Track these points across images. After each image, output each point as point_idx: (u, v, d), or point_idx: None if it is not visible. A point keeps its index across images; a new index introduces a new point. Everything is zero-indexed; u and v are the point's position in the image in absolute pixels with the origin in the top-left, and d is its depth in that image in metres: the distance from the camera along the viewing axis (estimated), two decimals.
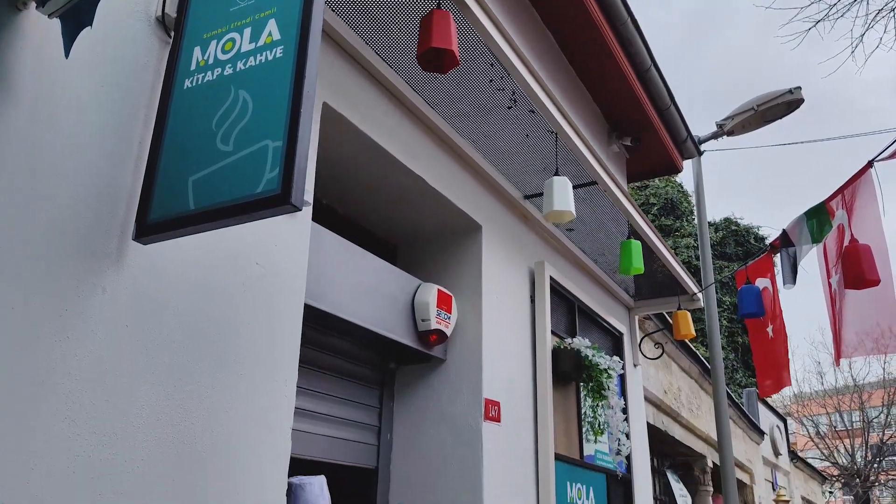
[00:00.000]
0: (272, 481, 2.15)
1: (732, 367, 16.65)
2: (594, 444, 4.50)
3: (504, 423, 3.64)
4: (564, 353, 4.17)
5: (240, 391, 2.09)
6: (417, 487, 3.47)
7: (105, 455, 1.67)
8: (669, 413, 7.14)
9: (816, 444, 26.95)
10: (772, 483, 12.59)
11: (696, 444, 8.11)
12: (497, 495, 3.44)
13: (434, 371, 3.67)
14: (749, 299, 4.31)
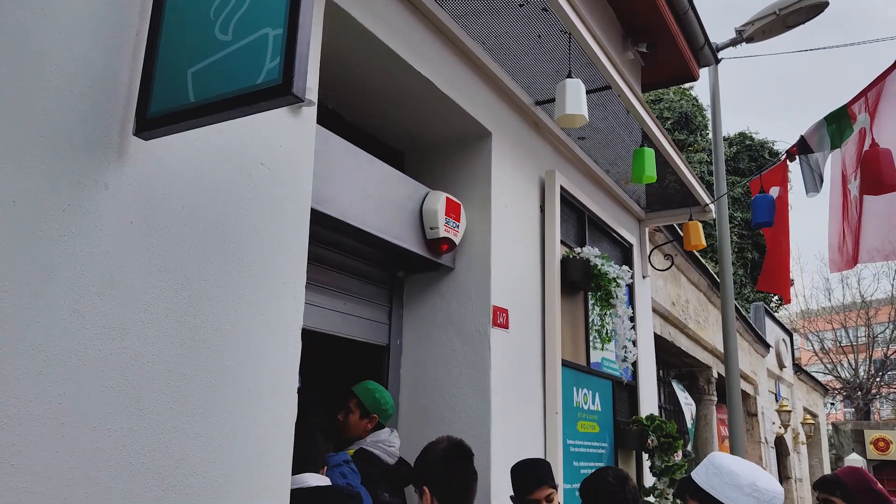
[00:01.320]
0: (282, 381, 2.19)
1: (741, 282, 16.72)
2: (601, 351, 4.56)
3: (512, 329, 3.67)
4: (573, 262, 4.16)
5: (248, 291, 2.10)
6: (427, 390, 3.54)
7: (114, 348, 1.69)
8: (677, 324, 7.21)
9: (821, 359, 27.40)
10: (775, 394, 12.86)
11: (702, 356, 8.23)
12: (504, 399, 3.51)
13: (443, 279, 3.68)
14: (762, 208, 4.26)
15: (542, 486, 2.85)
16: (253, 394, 2.07)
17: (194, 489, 1.84)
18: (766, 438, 11.25)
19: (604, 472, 2.77)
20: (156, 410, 1.78)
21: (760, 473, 1.81)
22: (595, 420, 4.41)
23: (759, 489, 1.73)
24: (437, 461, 2.33)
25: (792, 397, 14.25)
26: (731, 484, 1.75)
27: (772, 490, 1.74)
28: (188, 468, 1.83)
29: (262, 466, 2.05)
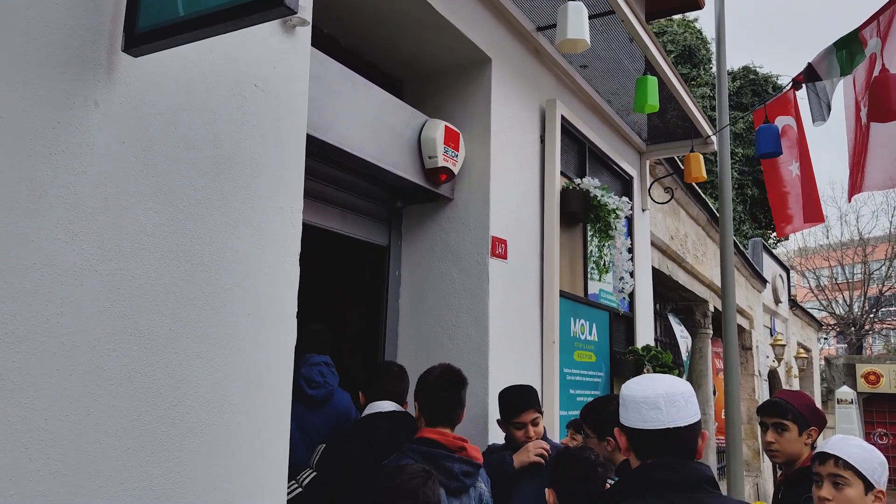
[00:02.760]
0: (281, 305, 2.19)
1: (740, 218, 16.71)
2: (599, 283, 4.58)
3: (511, 260, 3.68)
4: (573, 193, 4.13)
5: (245, 215, 2.08)
6: (426, 320, 3.57)
7: (111, 269, 1.68)
8: (675, 258, 7.23)
9: (816, 296, 27.66)
10: (770, 329, 13.02)
11: (699, 290, 8.29)
12: (502, 327, 3.54)
13: (442, 210, 3.66)
14: (767, 138, 4.19)
15: (526, 410, 2.91)
16: (252, 317, 2.08)
17: (194, 408, 1.86)
18: (760, 371, 11.45)
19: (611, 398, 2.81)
20: (155, 331, 1.78)
21: (632, 383, 1.74)
22: (592, 350, 4.46)
23: (623, 397, 1.71)
24: (430, 383, 2.61)
25: (786, 332, 14.44)
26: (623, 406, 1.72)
27: (640, 396, 1.67)
28: (188, 388, 1.85)
29: (262, 388, 2.08)
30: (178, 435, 1.82)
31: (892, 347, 29.41)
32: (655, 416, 1.65)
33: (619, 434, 1.73)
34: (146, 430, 1.74)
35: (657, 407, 1.65)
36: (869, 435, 15.43)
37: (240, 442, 1.99)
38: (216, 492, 1.90)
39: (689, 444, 1.65)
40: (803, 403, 2.58)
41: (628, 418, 1.69)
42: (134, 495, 1.69)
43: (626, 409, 1.70)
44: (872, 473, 2.12)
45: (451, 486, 2.46)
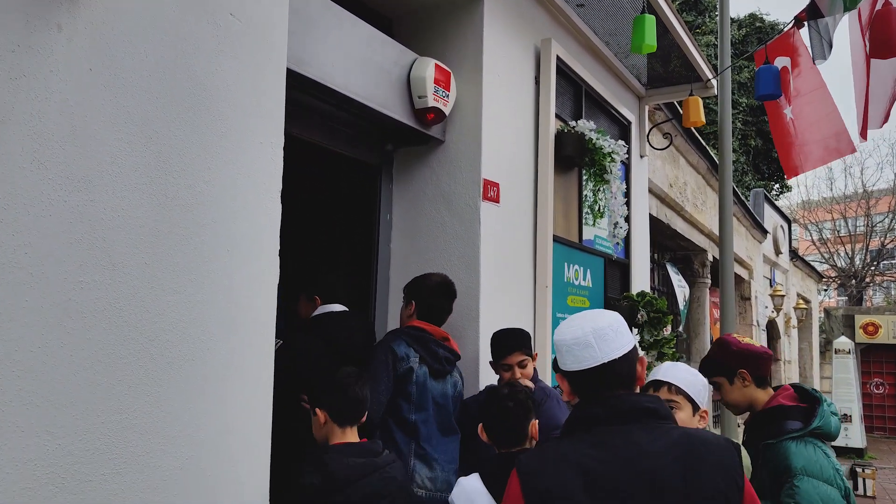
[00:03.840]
0: (262, 242, 2.15)
1: (742, 170, 16.58)
2: (594, 228, 4.54)
3: (503, 204, 3.63)
4: (568, 136, 4.05)
5: (223, 150, 2.03)
6: (417, 264, 3.54)
7: (80, 201, 1.64)
8: (673, 206, 7.17)
9: (818, 249, 27.62)
10: (769, 280, 13.03)
11: (698, 239, 8.25)
12: (494, 272, 3.51)
13: (433, 152, 3.60)
14: (767, 80, 4.08)
15: (513, 352, 2.93)
16: (233, 254, 2.04)
17: (173, 343, 1.84)
18: (758, 322, 11.49)
19: None
20: (129, 265, 1.75)
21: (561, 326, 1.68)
22: (586, 295, 4.45)
23: (555, 342, 1.65)
24: (430, 288, 3.00)
25: (786, 283, 14.46)
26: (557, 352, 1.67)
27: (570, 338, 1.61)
28: (166, 323, 1.83)
29: (243, 324, 2.06)
30: (158, 370, 1.80)
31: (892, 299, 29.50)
32: (590, 355, 1.58)
33: (561, 380, 1.68)
34: (122, 363, 1.72)
35: (589, 345, 1.58)
36: (866, 384, 15.59)
37: (222, 379, 1.98)
38: (198, 428, 1.90)
39: (627, 375, 1.60)
40: (720, 354, 2.47)
41: (565, 362, 1.64)
42: (111, 429, 1.68)
43: (560, 354, 1.64)
44: (698, 396, 2.21)
45: (435, 368, 2.86)
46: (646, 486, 1.42)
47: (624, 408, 1.53)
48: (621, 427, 1.50)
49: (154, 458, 1.77)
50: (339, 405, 2.26)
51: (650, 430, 1.50)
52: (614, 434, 1.50)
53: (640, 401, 1.56)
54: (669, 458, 1.45)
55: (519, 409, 2.32)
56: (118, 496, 1.68)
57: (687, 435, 1.51)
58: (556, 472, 1.45)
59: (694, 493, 1.42)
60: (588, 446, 1.48)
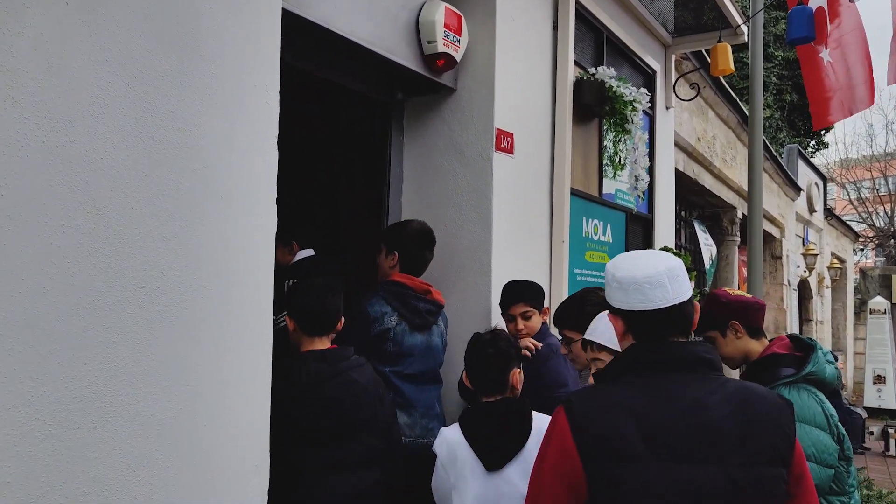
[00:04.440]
0: (259, 190, 2.09)
1: (777, 126, 16.06)
2: (614, 181, 4.40)
3: (518, 155, 3.51)
4: (587, 84, 3.90)
5: (214, 91, 1.95)
6: (428, 218, 3.45)
7: (60, 141, 1.58)
8: (701, 161, 6.95)
9: (855, 208, 26.85)
10: (802, 238, 12.70)
11: (727, 195, 8.02)
12: (508, 225, 3.42)
13: (444, 101, 3.48)
14: (800, 22, 3.86)
15: (515, 303, 2.94)
16: (226, 200, 1.98)
17: (164, 291, 1.79)
18: (790, 281, 11.23)
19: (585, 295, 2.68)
20: (115, 210, 1.70)
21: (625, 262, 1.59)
22: (605, 251, 4.33)
23: (617, 279, 1.55)
24: (411, 238, 2.97)
25: (820, 242, 14.09)
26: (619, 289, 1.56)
27: (642, 275, 1.51)
28: (156, 271, 1.78)
29: (240, 276, 2.00)
30: (148, 319, 1.76)
31: None
32: (661, 295, 1.50)
33: (615, 319, 1.60)
34: (110, 311, 1.68)
35: (661, 285, 1.50)
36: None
37: (218, 329, 1.94)
38: (192, 378, 1.86)
39: (688, 321, 1.54)
40: (711, 308, 2.39)
41: (628, 301, 1.54)
42: (99, 377, 1.65)
43: (624, 292, 1.54)
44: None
45: (416, 322, 2.84)
46: (703, 439, 1.38)
47: (684, 355, 1.48)
48: (679, 375, 1.46)
49: (145, 407, 1.74)
50: (307, 314, 2.27)
51: (707, 381, 1.46)
52: (672, 382, 1.45)
53: (699, 350, 1.51)
54: (727, 412, 1.40)
55: (499, 357, 2.27)
56: (107, 444, 1.65)
57: (743, 389, 1.47)
58: (612, 416, 1.41)
59: (750, 449, 1.39)
60: (642, 392, 1.44)
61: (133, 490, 1.70)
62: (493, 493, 2.15)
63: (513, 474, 2.14)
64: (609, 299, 1.61)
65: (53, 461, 1.55)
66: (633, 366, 1.51)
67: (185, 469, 1.83)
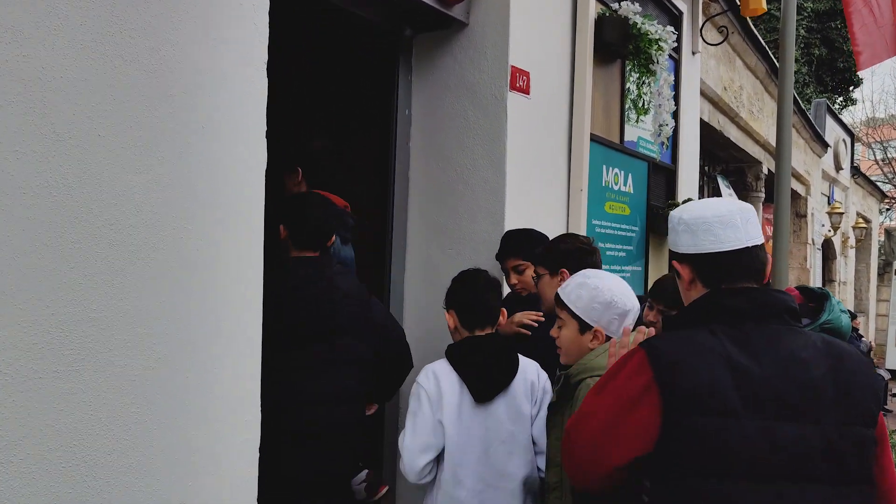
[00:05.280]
0: (246, 120, 1.89)
1: (804, 81, 15.52)
2: (637, 128, 4.15)
3: (534, 96, 3.27)
4: (610, 20, 3.63)
5: (192, 9, 1.74)
6: (438, 162, 3.25)
7: (11, 54, 1.39)
8: (727, 112, 6.63)
9: (881, 168, 26.19)
10: (828, 197, 12.34)
11: (753, 149, 7.71)
12: (522, 171, 3.20)
13: (455, 37, 3.24)
14: None
15: (507, 257, 2.80)
16: (208, 130, 1.79)
17: (137, 228, 1.62)
18: (814, 240, 10.92)
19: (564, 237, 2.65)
20: (78, 136, 1.51)
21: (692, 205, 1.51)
22: (626, 202, 4.11)
23: (685, 221, 1.46)
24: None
25: (846, 201, 13.70)
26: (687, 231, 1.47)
27: (712, 214, 1.43)
28: (128, 205, 1.60)
29: (224, 210, 1.82)
30: (119, 258, 1.59)
31: None
32: (733, 236, 1.40)
33: (682, 265, 1.47)
34: (75, 248, 1.50)
35: (734, 224, 1.40)
36: None
37: (202, 271, 1.76)
38: (172, 326, 1.69)
39: (762, 267, 1.42)
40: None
41: (696, 243, 1.43)
42: (64, 321, 1.48)
43: (692, 234, 1.43)
44: (589, 313, 1.86)
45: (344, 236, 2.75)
46: (803, 397, 1.27)
47: (769, 303, 1.37)
48: (767, 326, 1.34)
49: (117, 356, 1.57)
50: (297, 228, 2.32)
51: (796, 333, 1.35)
52: (761, 333, 1.33)
53: (784, 298, 1.39)
54: (824, 369, 1.30)
55: (491, 286, 2.30)
56: (75, 396, 1.49)
57: (832, 344, 1.36)
58: (707, 365, 1.28)
59: (846, 408, 1.29)
60: (732, 342, 1.31)
61: (106, 446, 1.55)
62: (480, 428, 2.12)
63: (500, 410, 2.13)
64: (674, 246, 1.50)
65: (11, 414, 1.39)
66: (714, 314, 1.37)
67: (165, 427, 1.67)
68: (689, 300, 1.47)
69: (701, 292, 1.44)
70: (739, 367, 1.28)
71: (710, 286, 1.43)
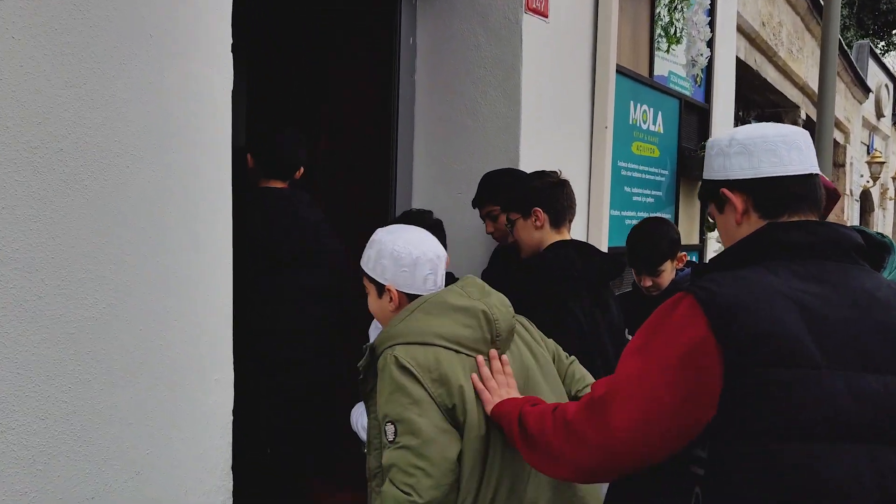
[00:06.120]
0: (210, 35, 1.61)
1: (844, 23, 14.75)
2: (668, 61, 3.78)
3: (553, 20, 2.94)
4: None
5: None
6: (445, 96, 2.94)
7: None
8: (765, 51, 6.18)
9: None
10: (867, 146, 11.77)
11: (791, 92, 7.24)
12: (539, 105, 2.89)
13: None
14: None
15: (481, 204, 2.50)
16: (158, 40, 1.51)
17: (73, 154, 1.35)
18: (852, 191, 10.43)
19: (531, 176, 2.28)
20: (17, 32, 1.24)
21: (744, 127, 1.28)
22: (655, 143, 3.77)
23: (739, 140, 1.24)
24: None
25: (886, 150, 13.09)
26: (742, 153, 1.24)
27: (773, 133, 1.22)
28: (61, 125, 1.33)
29: (178, 138, 1.56)
30: (46, 188, 1.33)
31: None
32: (798, 158, 1.20)
33: (734, 194, 1.23)
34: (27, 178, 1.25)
35: (797, 146, 1.21)
36: None
37: (150, 209, 1.51)
38: (131, 255, 1.45)
39: (821, 200, 1.24)
40: None
41: (755, 165, 1.21)
42: (17, 267, 1.24)
43: (748, 156, 1.22)
44: (379, 271, 1.53)
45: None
46: (888, 343, 1.07)
47: (837, 238, 1.17)
48: (835, 264, 1.14)
49: (50, 304, 1.33)
50: (266, 158, 2.28)
51: (867, 272, 1.16)
52: (832, 271, 1.13)
53: (851, 234, 1.19)
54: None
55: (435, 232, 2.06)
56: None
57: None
58: (769, 307, 1.07)
59: None
60: (801, 280, 1.11)
61: (39, 410, 1.32)
62: None
63: None
64: (723, 171, 1.25)
65: None
66: (771, 250, 1.16)
67: (113, 386, 1.43)
68: (736, 239, 1.23)
69: (755, 227, 1.21)
70: (811, 308, 1.07)
71: (769, 217, 1.20)
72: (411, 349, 1.39)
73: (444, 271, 1.55)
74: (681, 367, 1.08)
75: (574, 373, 1.69)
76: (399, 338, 1.42)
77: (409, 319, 1.44)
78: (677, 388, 1.07)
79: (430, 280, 1.51)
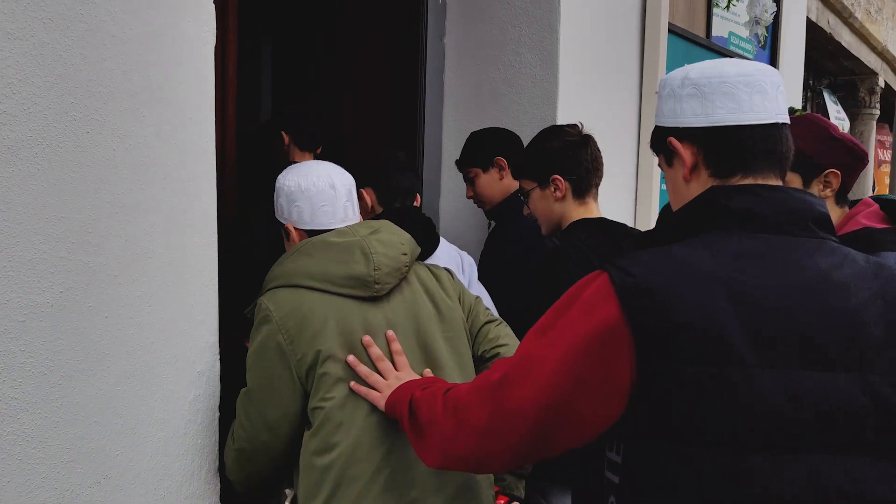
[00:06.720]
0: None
1: None
2: (728, 20, 3.45)
3: None
4: None
5: None
6: (477, 61, 2.72)
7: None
8: (839, 13, 5.70)
9: None
10: None
11: (868, 58, 6.71)
12: (580, 67, 2.65)
13: None
14: None
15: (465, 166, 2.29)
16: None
17: (24, 119, 1.18)
18: None
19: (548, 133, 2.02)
20: None
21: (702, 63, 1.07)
22: None
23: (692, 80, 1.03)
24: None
25: None
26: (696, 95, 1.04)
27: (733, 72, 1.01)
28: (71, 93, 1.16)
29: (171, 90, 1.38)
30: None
31: None
32: (761, 104, 0.98)
33: (682, 144, 1.04)
34: None
35: (762, 89, 0.98)
36: None
37: (123, 167, 1.33)
38: (99, 242, 1.28)
39: (790, 153, 1.02)
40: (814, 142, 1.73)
41: (708, 111, 1.00)
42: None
43: (701, 99, 1.01)
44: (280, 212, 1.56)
45: None
46: (838, 333, 0.90)
47: (793, 206, 0.98)
48: (789, 239, 0.96)
49: (4, 293, 1.17)
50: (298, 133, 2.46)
51: (828, 249, 0.97)
52: (780, 247, 0.95)
53: (811, 201, 1.00)
54: (867, 296, 0.92)
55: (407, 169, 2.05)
56: None
57: (882, 266, 0.98)
58: (694, 292, 0.90)
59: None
60: (740, 259, 0.93)
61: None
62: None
63: None
64: (673, 117, 1.05)
65: None
66: (715, 219, 0.98)
67: (76, 378, 1.27)
68: (685, 200, 1.05)
69: (704, 187, 1.03)
70: (746, 294, 0.90)
71: (719, 177, 1.02)
72: (277, 293, 1.36)
73: (348, 203, 1.47)
74: (583, 354, 0.93)
75: (488, 332, 1.53)
76: (272, 281, 1.39)
77: (286, 262, 1.40)
78: (578, 376, 0.94)
79: (328, 213, 1.43)
